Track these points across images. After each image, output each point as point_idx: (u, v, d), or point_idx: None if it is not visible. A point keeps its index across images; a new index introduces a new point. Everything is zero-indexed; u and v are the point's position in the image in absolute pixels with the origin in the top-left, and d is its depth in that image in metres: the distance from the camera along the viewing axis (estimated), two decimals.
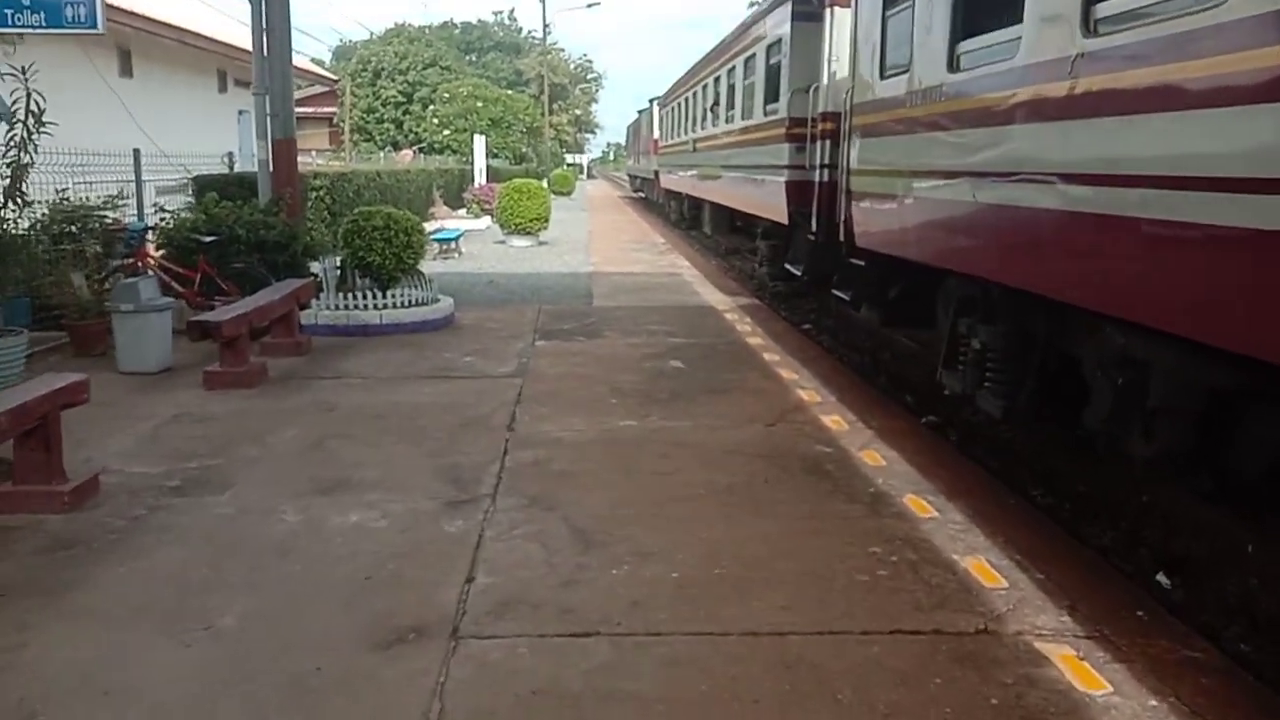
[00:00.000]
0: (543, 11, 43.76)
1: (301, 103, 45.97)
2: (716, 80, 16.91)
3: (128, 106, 17.90)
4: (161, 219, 9.53)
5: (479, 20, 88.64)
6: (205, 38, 21.05)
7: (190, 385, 7.01)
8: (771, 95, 11.89)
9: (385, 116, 52.27)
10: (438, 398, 6.82)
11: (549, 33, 44.52)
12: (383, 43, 55.99)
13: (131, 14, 17.70)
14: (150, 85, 19.35)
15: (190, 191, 11.37)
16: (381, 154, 33.83)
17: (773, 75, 11.81)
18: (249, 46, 23.25)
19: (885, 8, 7.25)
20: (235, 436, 5.78)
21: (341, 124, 53.53)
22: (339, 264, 9.84)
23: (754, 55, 13.03)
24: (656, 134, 31.12)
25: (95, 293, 8.25)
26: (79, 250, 8.45)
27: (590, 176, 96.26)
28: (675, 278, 14.48)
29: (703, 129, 18.85)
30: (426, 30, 61.65)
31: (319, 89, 51.06)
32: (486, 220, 24.43)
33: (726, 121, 15.59)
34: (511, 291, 12.78)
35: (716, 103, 16.83)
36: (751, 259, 18.16)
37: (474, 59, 76.98)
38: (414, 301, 9.72)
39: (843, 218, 8.74)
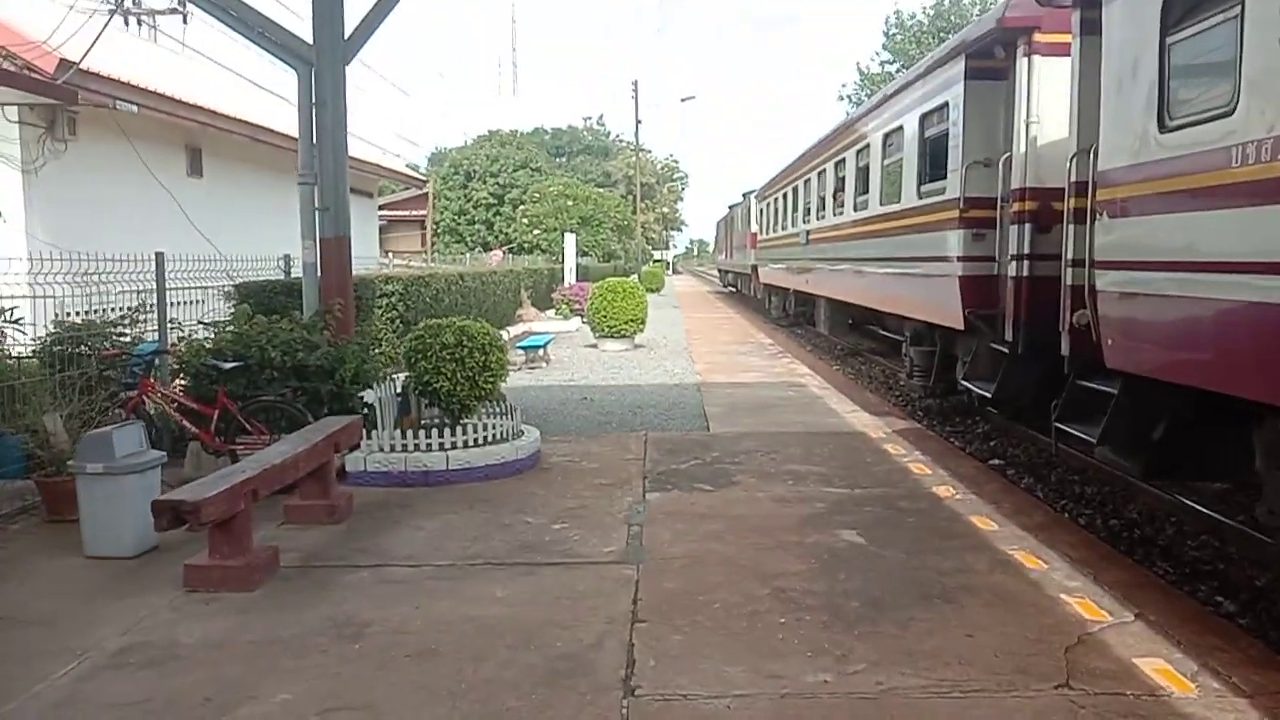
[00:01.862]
0: (635, 106, 42.73)
1: (395, 205, 45.94)
2: (839, 164, 14.83)
3: (195, 207, 16.74)
4: (181, 337, 7.68)
5: (569, 125, 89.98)
6: (281, 135, 20.06)
7: (168, 583, 4.92)
8: (931, 173, 9.67)
9: (476, 218, 52.05)
10: (514, 609, 4.56)
11: (640, 125, 43.57)
12: (475, 147, 56.31)
13: (199, 109, 16.69)
14: (222, 185, 18.25)
15: (235, 302, 9.61)
16: (468, 255, 32.70)
17: (933, 149, 9.61)
18: None
19: (1168, 29, 4.98)
20: (192, 704, 3.59)
21: (435, 226, 53.60)
22: (399, 390, 7.82)
23: (899, 129, 10.89)
24: (754, 227, 29.30)
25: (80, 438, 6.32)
26: (64, 380, 6.59)
27: (675, 272, 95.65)
28: (800, 390, 12.12)
29: (819, 219, 16.74)
30: (517, 134, 62.04)
31: (413, 192, 51.48)
32: (576, 322, 22.66)
33: (855, 209, 13.41)
34: (609, 412, 10.61)
35: (840, 189, 14.72)
36: (879, 362, 15.76)
37: (563, 161, 77.48)
38: (491, 438, 7.60)
39: (1069, 324, 6.37)
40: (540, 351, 14.96)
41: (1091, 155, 5.93)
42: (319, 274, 8.09)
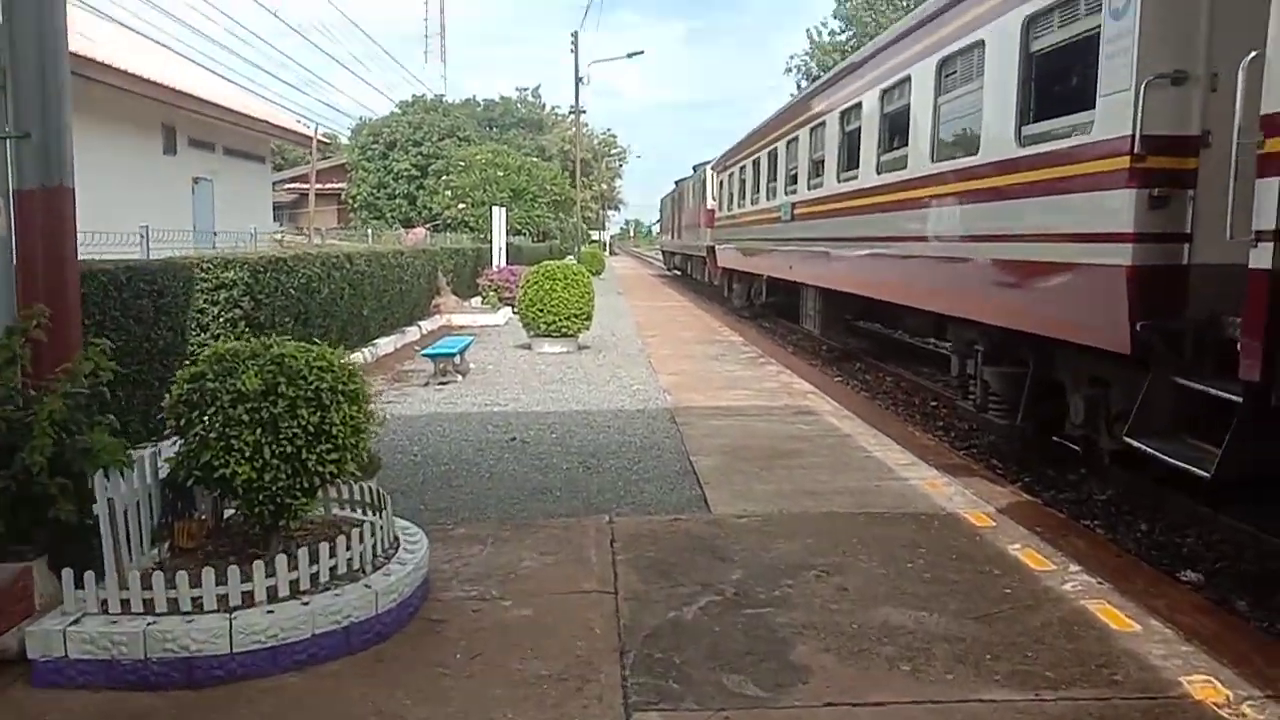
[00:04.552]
0: (575, 62, 38.55)
1: (308, 178, 41.30)
2: (846, 115, 11.44)
3: None
4: None
5: (501, 97, 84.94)
6: (138, 79, 15.96)
7: None
8: (1046, 106, 6.33)
9: (397, 192, 47.57)
10: None
11: (584, 83, 39.29)
12: (397, 115, 51.59)
13: None
14: None
15: None
16: (370, 231, 28.65)
17: (1050, 68, 6.29)
18: (206, 95, 17.66)
19: None
20: None
21: (350, 200, 48.90)
22: (161, 478, 4.18)
23: (975, 48, 7.51)
24: (711, 203, 25.87)
25: None
26: None
27: (612, 253, 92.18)
28: (814, 421, 8.73)
29: (811, 188, 13.36)
30: (443, 100, 57.31)
31: (332, 162, 46.82)
32: (506, 313, 19.01)
33: (879, 172, 10.05)
34: (549, 465, 7.09)
35: (850, 147, 11.33)
36: (889, 370, 12.51)
37: (495, 134, 72.69)
38: (329, 574, 4.02)
39: None
40: (456, 359, 11.33)
41: None
42: (14, 255, 4.36)
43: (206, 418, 4.02)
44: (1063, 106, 6.12)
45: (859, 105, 10.73)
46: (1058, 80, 6.27)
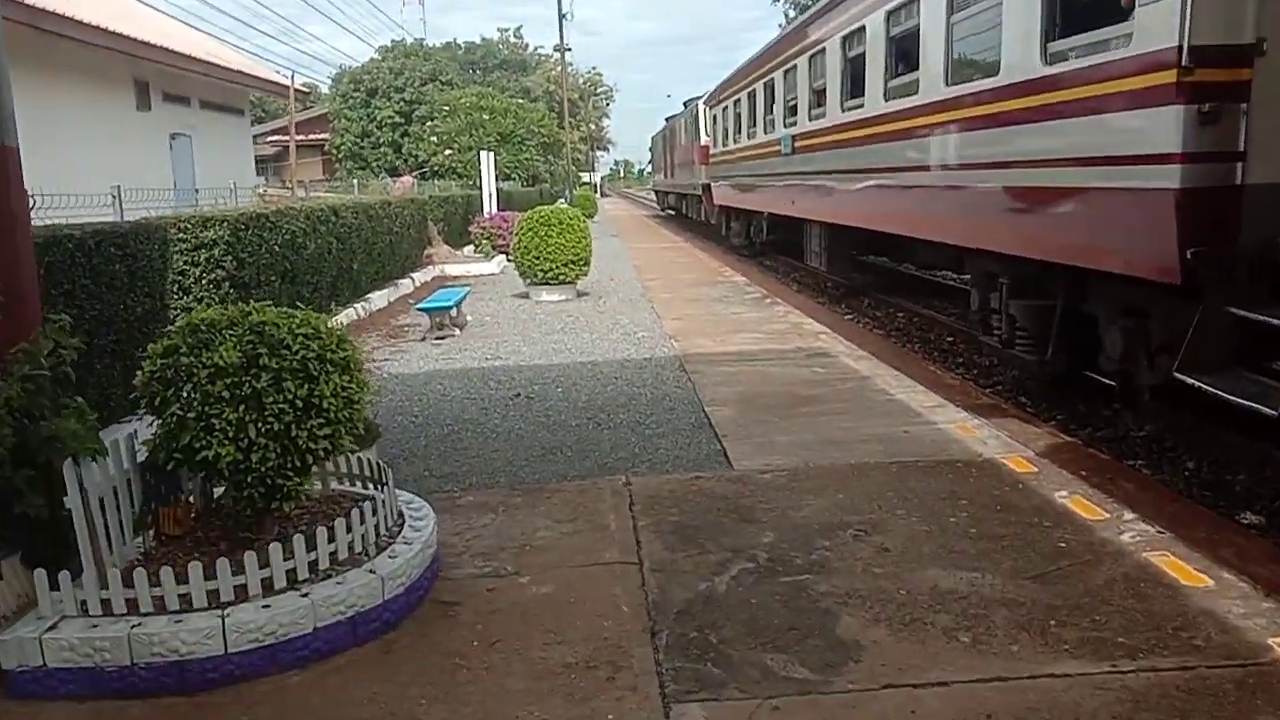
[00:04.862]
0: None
1: (289, 130, 40.42)
2: (849, 40, 10.87)
3: None
4: None
5: (483, 38, 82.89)
6: (103, 31, 15.24)
7: None
8: (1073, 19, 5.84)
9: (381, 140, 46.54)
10: None
11: (569, 19, 38.25)
12: (378, 60, 50.25)
13: None
14: (20, 98, 13.51)
15: None
16: (355, 182, 27.96)
17: None
18: (179, 46, 16.86)
19: None
20: None
21: (334, 151, 47.87)
22: (140, 460, 3.82)
23: None
24: (705, 139, 25.23)
25: None
26: None
27: (603, 194, 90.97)
28: (830, 362, 8.39)
29: (813, 119, 12.82)
30: (423, 45, 55.83)
31: (313, 112, 45.69)
32: (500, 261, 18.54)
33: (887, 99, 9.54)
34: (558, 422, 6.74)
35: (856, 73, 10.79)
36: (901, 305, 12.13)
37: (479, 77, 71.09)
38: (325, 562, 3.68)
39: None
40: (453, 312, 10.92)
41: None
42: None
43: (183, 395, 3.65)
44: (1095, 19, 5.63)
45: (862, 29, 10.16)
46: None
